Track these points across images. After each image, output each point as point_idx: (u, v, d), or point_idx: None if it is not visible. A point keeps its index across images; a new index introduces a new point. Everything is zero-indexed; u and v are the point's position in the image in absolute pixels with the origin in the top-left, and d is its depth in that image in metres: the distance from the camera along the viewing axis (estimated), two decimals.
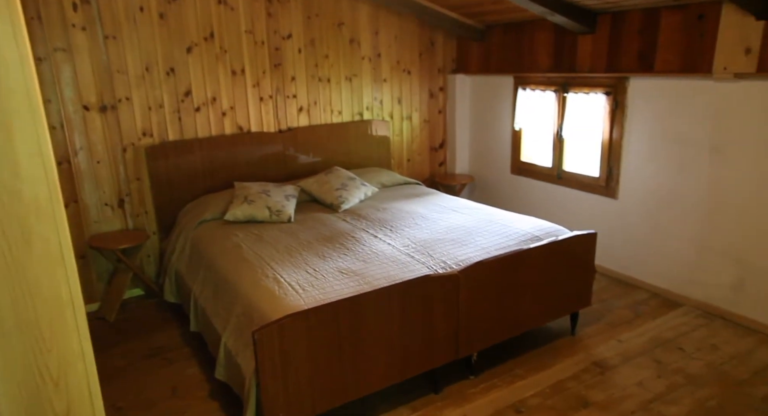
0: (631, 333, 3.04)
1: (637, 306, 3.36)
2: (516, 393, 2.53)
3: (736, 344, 2.89)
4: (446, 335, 2.47)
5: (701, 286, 3.29)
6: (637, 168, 3.58)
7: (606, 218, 3.84)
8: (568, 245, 2.84)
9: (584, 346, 2.92)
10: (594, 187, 3.93)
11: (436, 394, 2.53)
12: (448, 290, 2.44)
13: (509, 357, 2.82)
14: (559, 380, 2.62)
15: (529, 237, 2.97)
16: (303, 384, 2.09)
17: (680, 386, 2.54)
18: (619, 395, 2.49)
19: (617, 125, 3.67)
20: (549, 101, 4.18)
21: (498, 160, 4.80)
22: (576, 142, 4.12)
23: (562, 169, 4.18)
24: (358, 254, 2.77)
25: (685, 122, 3.24)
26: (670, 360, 2.75)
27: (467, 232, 3.05)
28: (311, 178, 3.89)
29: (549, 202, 4.32)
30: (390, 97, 4.70)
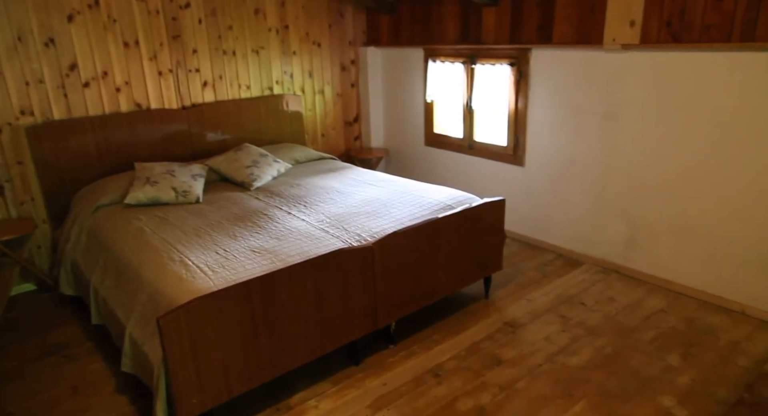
0: (539, 292, 3.22)
1: (544, 267, 3.57)
2: (434, 358, 2.61)
3: (629, 295, 3.15)
4: (364, 307, 2.49)
5: (599, 245, 3.55)
6: (541, 136, 3.75)
7: (514, 185, 4.01)
8: (479, 212, 2.93)
9: (497, 308, 3.06)
10: (503, 156, 4.08)
11: (356, 366, 2.56)
12: (363, 262, 2.44)
13: (427, 324, 2.90)
14: (474, 342, 2.74)
15: (442, 207, 3.03)
16: (216, 367, 2.02)
17: (581, 337, 2.74)
18: (528, 350, 2.65)
19: (522, 95, 3.81)
20: (458, 73, 4.25)
21: (412, 132, 4.85)
22: (485, 113, 4.23)
23: (473, 139, 4.30)
24: (271, 232, 2.71)
25: (582, 91, 3.42)
26: (573, 315, 2.95)
27: (382, 205, 3.07)
28: (220, 156, 3.72)
29: (462, 172, 4.44)
30: (301, 71, 4.57)
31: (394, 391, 2.38)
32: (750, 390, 2.31)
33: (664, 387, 2.34)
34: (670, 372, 2.45)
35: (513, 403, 2.28)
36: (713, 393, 2.30)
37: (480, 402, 2.29)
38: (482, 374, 2.48)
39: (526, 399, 2.31)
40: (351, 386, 2.42)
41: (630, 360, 2.54)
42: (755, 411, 2.19)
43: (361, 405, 2.30)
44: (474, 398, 2.32)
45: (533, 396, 2.32)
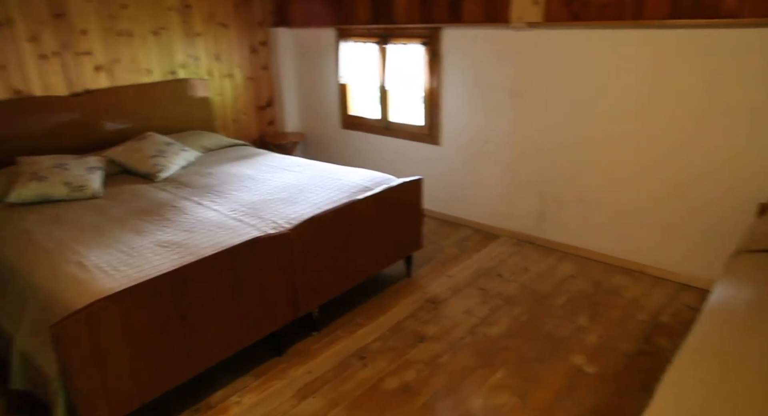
0: (459, 267, 3.30)
1: (462, 243, 3.66)
2: (358, 341, 2.61)
3: (542, 263, 3.31)
4: (284, 295, 2.43)
5: (513, 218, 3.69)
6: (455, 114, 3.81)
7: (431, 164, 4.07)
8: (396, 192, 2.94)
9: (419, 286, 3.10)
10: (419, 136, 4.11)
11: (279, 356, 2.50)
12: (281, 250, 2.37)
13: (350, 308, 2.89)
14: (397, 321, 2.76)
15: (360, 189, 3.01)
16: (125, 373, 1.89)
17: (499, 308, 2.84)
18: (450, 325, 2.71)
19: (435, 74, 3.84)
20: (371, 53, 4.21)
21: (328, 115, 4.77)
22: (400, 93, 4.24)
23: (389, 120, 4.29)
24: (181, 224, 2.56)
25: (492, 69, 3.50)
26: (491, 287, 3.06)
27: (298, 190, 2.99)
28: (120, 146, 3.46)
29: (379, 154, 4.44)
30: (206, 53, 4.33)
31: (320, 378, 2.35)
32: (648, 341, 2.51)
33: (576, 347, 2.49)
34: (581, 332, 2.60)
35: (437, 378, 2.33)
36: (617, 347, 2.47)
37: (405, 380, 2.32)
38: (406, 352, 2.51)
39: (450, 372, 2.37)
40: (274, 377, 2.37)
41: (544, 325, 2.67)
42: (653, 359, 2.38)
43: (285, 395, 2.25)
44: (399, 376, 2.35)
45: (456, 369, 2.38)
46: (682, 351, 1.65)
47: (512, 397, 2.20)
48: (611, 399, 2.16)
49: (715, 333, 1.68)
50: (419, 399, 2.21)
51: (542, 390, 2.23)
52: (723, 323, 1.73)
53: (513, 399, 2.19)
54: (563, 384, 2.25)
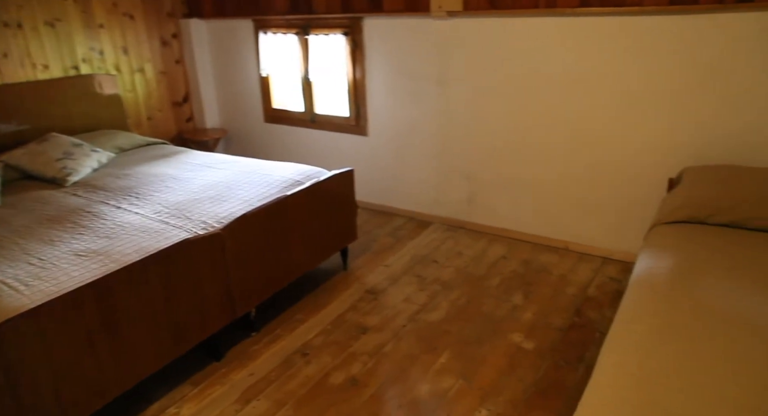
0: (395, 256, 3.32)
1: (397, 232, 3.68)
2: (300, 338, 2.55)
3: (474, 247, 3.40)
4: (219, 297, 2.32)
5: (444, 204, 3.75)
6: (381, 104, 3.81)
7: (360, 155, 4.05)
8: (328, 185, 2.89)
9: (356, 278, 3.08)
10: (346, 127, 4.07)
11: (218, 361, 2.39)
12: (213, 250, 2.26)
13: (289, 305, 2.82)
14: (338, 314, 2.73)
15: (290, 183, 2.93)
16: (46, 396, 1.72)
17: (438, 293, 2.89)
18: (391, 314, 2.72)
19: (359, 65, 3.81)
20: (292, 45, 4.10)
21: (250, 109, 4.60)
22: (324, 85, 4.17)
23: (314, 112, 4.22)
24: (99, 231, 2.37)
25: (416, 58, 3.52)
26: (428, 273, 3.10)
27: (226, 187, 2.87)
28: (19, 149, 3.14)
29: (306, 147, 4.35)
30: (112, 47, 4.03)
31: (263, 379, 2.27)
32: (579, 314, 2.65)
33: (513, 325, 2.58)
34: (516, 310, 2.70)
35: (383, 368, 2.33)
36: (551, 323, 2.59)
37: (351, 373, 2.30)
38: (350, 345, 2.49)
39: (395, 360, 2.37)
40: (214, 383, 2.26)
41: (482, 307, 2.74)
42: (585, 330, 2.52)
43: (228, 401, 2.15)
44: (345, 370, 2.32)
45: (401, 357, 2.39)
46: (616, 321, 1.74)
47: (458, 380, 2.24)
48: (550, 372, 2.26)
49: (643, 301, 1.80)
50: (367, 390, 2.20)
51: (485, 370, 2.29)
52: (648, 291, 1.85)
53: (458, 381, 2.23)
54: (505, 363, 2.33)
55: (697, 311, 1.69)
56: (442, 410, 2.07)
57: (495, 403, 2.10)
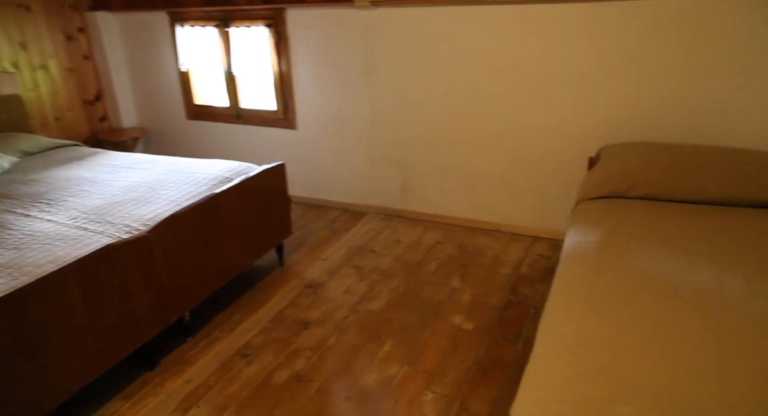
0: (332, 249, 3.29)
1: (332, 224, 3.65)
2: (239, 339, 2.47)
3: (411, 234, 3.43)
4: (149, 304, 2.19)
5: (378, 194, 3.76)
6: (309, 97, 3.74)
7: (290, 149, 3.97)
8: (260, 180, 2.81)
9: (294, 273, 3.02)
10: (274, 121, 3.97)
11: (152, 371, 2.27)
12: (140, 255, 2.13)
13: (225, 306, 2.72)
14: (277, 312, 2.66)
15: (220, 180, 2.82)
16: None
17: (378, 282, 2.89)
18: (332, 307, 2.69)
19: (284, 57, 3.72)
20: (212, 38, 3.94)
21: (170, 106, 4.38)
22: (249, 78, 4.04)
23: (240, 107, 4.08)
24: (6, 242, 2.17)
25: (342, 49, 3.48)
26: (366, 263, 3.10)
27: (150, 188, 2.71)
28: None
29: (233, 143, 4.21)
30: (8, 42, 3.69)
31: (202, 385, 2.18)
32: (514, 292, 2.74)
33: (453, 308, 2.63)
34: (455, 293, 2.75)
35: (328, 361, 2.30)
36: (489, 302, 2.66)
37: (295, 370, 2.25)
38: (292, 341, 2.44)
39: (339, 353, 2.35)
40: (149, 395, 2.14)
41: (422, 292, 2.78)
42: (520, 307, 2.61)
43: (165, 411, 2.05)
44: (288, 367, 2.27)
45: (345, 349, 2.38)
46: (551, 295, 1.82)
47: (403, 366, 2.25)
48: (491, 349, 2.33)
49: (575, 274, 1.88)
50: (312, 385, 2.16)
51: (429, 354, 2.32)
52: (579, 264, 1.94)
53: (404, 367, 2.24)
54: (447, 345, 2.37)
55: (623, 279, 1.79)
56: (390, 397, 2.08)
57: (440, 385, 2.13)
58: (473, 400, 2.05)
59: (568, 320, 1.63)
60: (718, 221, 2.17)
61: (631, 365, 1.41)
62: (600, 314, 1.63)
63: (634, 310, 1.63)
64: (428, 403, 2.04)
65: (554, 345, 1.54)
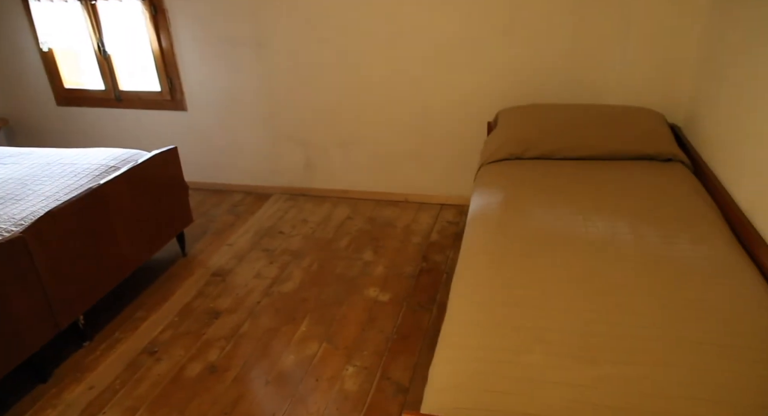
0: (237, 233, 3.15)
1: (235, 208, 3.49)
2: (144, 337, 2.30)
3: (319, 212, 3.38)
4: (33, 311, 1.97)
5: (281, 173, 3.65)
6: (198, 75, 3.50)
7: (182, 132, 3.71)
8: (150, 167, 2.59)
9: (199, 262, 2.87)
10: (160, 103, 3.68)
11: (45, 383, 2.05)
12: (15, 258, 1.89)
13: (126, 304, 2.52)
14: (185, 304, 2.52)
15: (104, 170, 2.58)
16: None
17: (289, 263, 2.82)
18: (243, 293, 2.59)
19: (164, 32, 3.43)
20: (77, 13, 3.53)
21: (35, 92, 3.90)
22: (127, 57, 3.69)
23: (119, 89, 3.73)
24: None
25: (230, 22, 3.27)
26: (276, 245, 3.01)
27: (20, 184, 2.42)
28: None
29: (115, 129, 3.86)
30: None
31: (107, 390, 2.01)
32: (426, 260, 2.81)
33: (367, 281, 2.64)
34: (368, 266, 2.76)
35: (243, 348, 2.22)
36: (402, 272, 2.70)
37: (209, 361, 2.15)
38: (203, 332, 2.32)
39: (255, 338, 2.28)
40: (46, 408, 1.94)
41: (335, 269, 2.75)
42: (432, 273, 2.68)
43: None
44: (201, 359, 2.16)
45: (260, 334, 2.30)
46: (460, 259, 1.88)
47: (321, 343, 2.23)
48: (408, 317, 2.37)
49: (480, 237, 1.95)
50: (229, 375, 2.08)
51: (347, 329, 2.31)
52: (483, 226, 2.01)
53: (323, 345, 2.22)
54: (365, 318, 2.38)
55: (525, 236, 1.89)
56: (311, 376, 2.05)
57: (360, 358, 2.14)
58: (394, 369, 2.08)
59: (476, 280, 1.70)
60: (605, 175, 2.34)
61: (538, 315, 1.50)
62: (506, 271, 1.70)
63: (537, 264, 1.73)
64: (349, 377, 2.04)
65: (465, 306, 1.60)
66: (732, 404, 1.20)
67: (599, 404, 1.22)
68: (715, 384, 1.25)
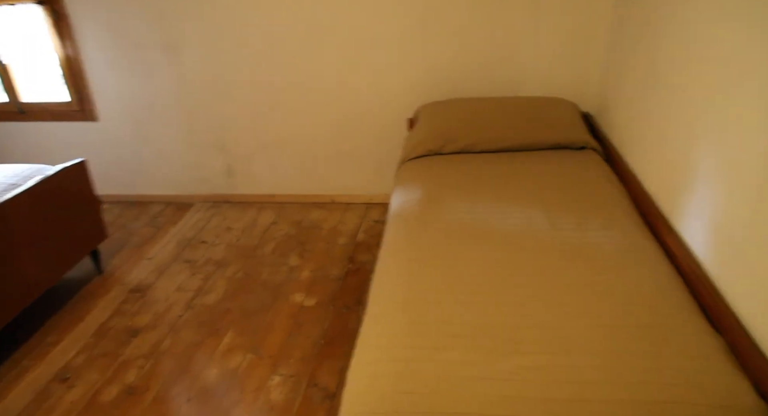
0: (158, 246, 3.04)
1: (155, 220, 3.36)
2: (55, 363, 2.18)
3: (243, 219, 3.31)
4: None
5: (203, 181, 3.54)
6: (108, 83, 3.33)
7: (94, 144, 3.53)
8: (57, 183, 2.45)
9: (116, 279, 2.74)
10: (69, 114, 3.48)
11: None
12: None
13: (35, 329, 2.38)
14: (100, 324, 2.40)
15: (4, 188, 2.42)
16: None
17: (212, 273, 2.75)
18: (163, 308, 2.50)
19: (68, 39, 3.24)
20: None
21: None
22: (28, 67, 3.47)
23: (20, 101, 3.50)
24: None
25: (139, 26, 3.13)
26: (198, 255, 2.92)
27: None
28: None
29: (18, 144, 3.62)
30: None
31: None
32: (352, 261, 2.80)
33: (293, 287, 2.60)
34: (294, 271, 2.73)
35: (163, 366, 2.14)
36: (329, 275, 2.69)
37: (126, 383, 2.06)
38: (120, 353, 2.22)
39: (176, 355, 2.20)
40: None
41: (260, 276, 2.70)
42: (359, 274, 2.68)
43: None
44: (118, 382, 2.07)
45: (183, 349, 2.23)
46: (380, 257, 1.87)
47: (246, 354, 2.18)
48: (334, 321, 2.36)
49: (401, 234, 1.95)
50: (148, 395, 2.00)
51: (273, 337, 2.28)
52: (403, 223, 2.02)
53: (248, 355, 2.18)
54: (291, 324, 2.35)
55: (445, 231, 1.90)
56: (235, 389, 2.01)
57: (287, 366, 2.11)
58: (321, 374, 2.07)
59: (396, 278, 1.68)
60: (522, 165, 2.39)
61: (457, 310, 1.50)
62: (426, 268, 1.71)
63: (456, 259, 1.73)
64: (275, 387, 2.01)
65: (385, 305, 1.58)
66: (645, 383, 1.23)
67: (518, 396, 1.22)
68: (629, 365, 1.27)
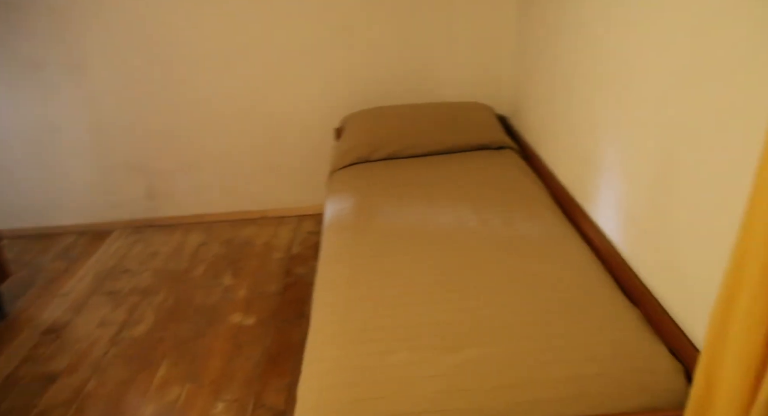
0: (73, 281, 2.76)
1: (68, 253, 3.06)
2: None
3: (169, 243, 3.09)
4: None
5: (121, 206, 3.28)
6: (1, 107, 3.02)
7: None
8: None
9: (25, 321, 2.45)
10: None
11: None
12: None
13: None
14: (7, 375, 2.12)
15: None
16: None
17: (138, 303, 2.52)
18: (84, 346, 2.25)
19: None
20: None
21: None
22: None
23: None
24: None
25: (36, 43, 2.85)
26: (121, 286, 2.68)
27: None
28: None
29: None
30: None
31: None
32: (289, 274, 2.68)
33: (230, 307, 2.44)
34: (229, 291, 2.57)
35: (91, 410, 1.92)
36: (266, 291, 2.55)
37: None
38: (35, 404, 1.96)
39: (104, 396, 1.98)
40: None
41: (193, 300, 2.52)
42: (297, 287, 2.57)
43: None
44: None
45: (111, 389, 2.01)
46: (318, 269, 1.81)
47: (185, 384, 2.01)
48: (277, 336, 2.23)
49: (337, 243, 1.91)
50: None
51: (212, 362, 2.11)
52: (339, 233, 1.97)
53: (186, 386, 2.00)
54: (230, 346, 2.19)
55: (379, 236, 1.88)
56: None
57: (229, 391, 1.96)
58: (268, 394, 1.94)
59: (336, 288, 1.64)
60: (448, 167, 2.44)
61: (399, 313, 1.48)
62: (365, 274, 1.66)
63: (393, 263, 1.71)
64: (219, 414, 1.86)
65: (327, 316, 1.53)
66: (578, 360, 1.27)
67: (464, 388, 1.23)
68: (561, 345, 1.32)
